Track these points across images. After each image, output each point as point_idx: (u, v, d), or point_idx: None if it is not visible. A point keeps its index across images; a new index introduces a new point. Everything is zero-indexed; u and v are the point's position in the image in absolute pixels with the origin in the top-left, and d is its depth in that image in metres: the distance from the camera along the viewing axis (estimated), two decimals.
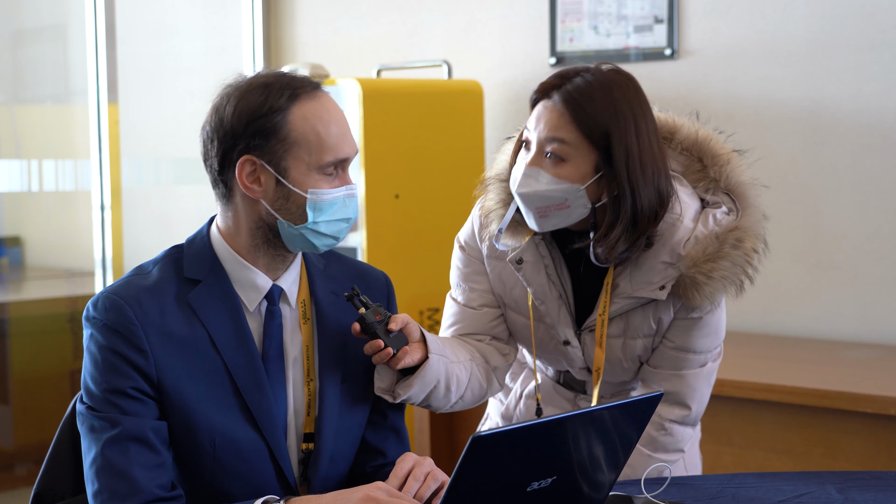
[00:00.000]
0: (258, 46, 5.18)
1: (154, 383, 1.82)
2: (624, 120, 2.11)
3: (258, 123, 1.84)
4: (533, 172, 2.14)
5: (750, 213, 2.20)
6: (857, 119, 3.77)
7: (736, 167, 2.25)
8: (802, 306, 3.90)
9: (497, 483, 1.64)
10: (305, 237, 1.88)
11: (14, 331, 4.88)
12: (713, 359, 2.31)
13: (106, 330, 1.82)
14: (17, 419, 4.86)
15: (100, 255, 4.55)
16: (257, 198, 1.86)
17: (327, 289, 2.00)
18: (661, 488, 2.05)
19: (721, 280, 2.16)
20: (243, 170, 1.85)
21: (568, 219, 2.16)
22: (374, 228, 4.06)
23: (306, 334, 1.96)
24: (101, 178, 4.52)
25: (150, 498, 1.78)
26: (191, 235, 1.95)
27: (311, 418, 1.95)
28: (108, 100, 4.50)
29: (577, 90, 2.12)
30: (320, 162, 1.86)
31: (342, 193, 1.90)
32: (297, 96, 1.85)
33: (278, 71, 1.91)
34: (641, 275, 2.19)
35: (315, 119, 1.85)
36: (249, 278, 1.90)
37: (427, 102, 4.24)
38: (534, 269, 2.27)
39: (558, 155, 2.12)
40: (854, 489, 2.08)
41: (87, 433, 1.82)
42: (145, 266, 1.91)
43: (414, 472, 1.81)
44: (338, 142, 1.87)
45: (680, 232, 2.17)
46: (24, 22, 5.29)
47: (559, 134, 2.11)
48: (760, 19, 3.94)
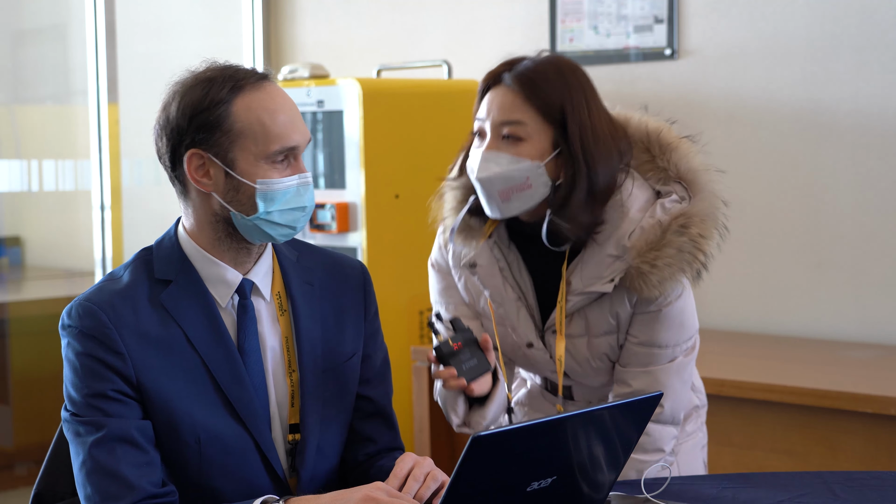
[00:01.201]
0: (258, 46, 5.18)
1: (134, 384, 1.83)
2: (576, 96, 2.14)
3: (202, 117, 1.85)
4: (491, 156, 2.14)
5: (701, 198, 2.18)
6: (857, 119, 3.77)
7: (685, 154, 2.24)
8: (802, 306, 3.90)
9: (497, 483, 1.64)
10: (260, 228, 1.88)
11: (14, 331, 4.87)
12: (684, 353, 2.27)
13: (82, 336, 1.83)
14: (17, 419, 4.86)
15: (100, 255, 4.56)
16: (209, 191, 1.88)
17: (301, 279, 2.00)
18: (661, 488, 2.05)
19: (667, 268, 2.13)
20: (191, 164, 1.87)
21: (530, 200, 2.15)
22: (374, 228, 4.06)
23: (284, 326, 1.96)
24: (101, 178, 4.52)
25: (143, 495, 1.79)
26: (159, 237, 1.97)
27: (295, 409, 1.95)
28: (108, 100, 4.50)
29: (528, 70, 2.15)
30: (267, 151, 1.85)
31: (294, 182, 1.88)
32: (240, 88, 1.86)
33: (224, 64, 1.92)
34: (590, 269, 2.19)
35: (259, 109, 1.85)
36: (219, 274, 1.91)
37: (427, 102, 4.24)
38: (488, 273, 2.27)
39: (516, 135, 2.13)
40: (854, 489, 2.08)
41: (73, 439, 1.83)
42: (116, 272, 1.93)
43: (414, 473, 1.81)
44: (285, 130, 1.86)
45: (625, 224, 2.17)
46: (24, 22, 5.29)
47: (515, 115, 2.13)
48: (760, 19, 3.95)
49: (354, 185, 4.06)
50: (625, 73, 4.24)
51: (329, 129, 4.15)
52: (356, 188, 4.05)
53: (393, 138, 4.11)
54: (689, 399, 2.39)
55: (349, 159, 4.07)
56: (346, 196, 4.09)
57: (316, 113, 4.18)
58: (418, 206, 4.18)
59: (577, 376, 2.31)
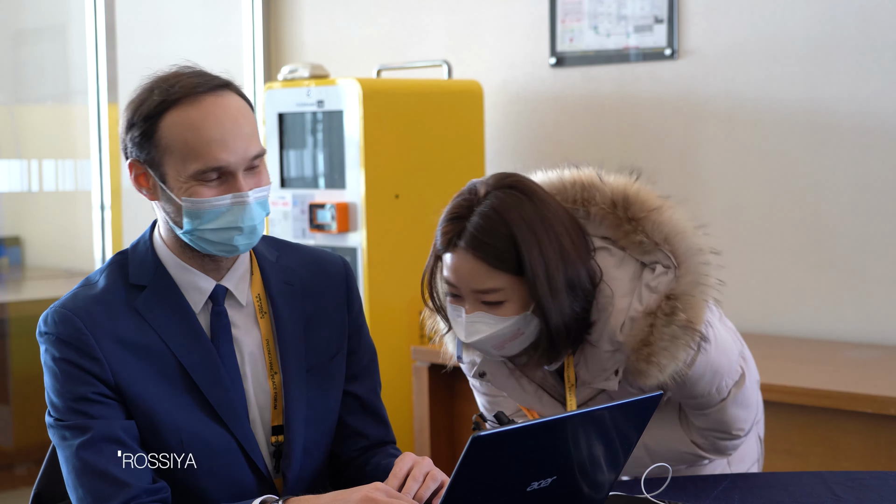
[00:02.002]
0: (258, 46, 5.18)
1: (113, 388, 1.83)
2: (528, 243, 2.03)
3: (136, 129, 1.85)
4: (476, 318, 2.08)
5: (686, 267, 2.10)
6: (856, 119, 3.77)
7: (658, 221, 2.13)
8: (802, 306, 3.90)
9: (497, 483, 1.64)
10: (196, 242, 1.87)
11: (14, 331, 4.87)
12: (735, 387, 2.21)
13: (59, 343, 1.83)
14: (17, 419, 4.86)
15: (100, 255, 4.55)
16: (151, 199, 1.89)
17: (281, 280, 1.99)
18: (661, 488, 2.05)
19: (664, 358, 2.07)
20: (132, 171, 1.88)
21: (525, 342, 2.12)
22: (374, 228, 4.06)
23: (265, 328, 1.96)
24: (101, 178, 4.52)
25: (136, 492, 1.79)
26: (134, 240, 1.96)
27: (278, 411, 1.95)
28: (108, 100, 4.50)
29: (478, 233, 2.04)
30: (190, 170, 1.82)
31: (226, 202, 1.84)
32: (169, 102, 1.83)
33: (177, 70, 1.88)
34: (594, 364, 2.16)
35: (184, 126, 1.82)
36: (192, 281, 1.91)
37: (427, 102, 4.24)
38: (499, 377, 2.25)
39: (495, 301, 2.07)
40: (854, 489, 2.08)
41: (60, 443, 1.84)
42: (92, 277, 1.93)
43: (413, 473, 1.81)
44: (211, 149, 1.81)
45: (614, 317, 2.10)
46: (24, 22, 5.29)
47: (486, 284, 2.05)
48: (760, 19, 3.94)
49: (354, 185, 4.06)
50: (625, 73, 4.24)
51: (329, 129, 4.15)
52: (356, 188, 4.05)
53: (393, 138, 4.11)
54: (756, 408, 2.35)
55: (349, 159, 4.07)
56: (346, 196, 4.09)
57: (316, 113, 4.18)
58: (418, 206, 4.19)
59: None
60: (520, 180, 2.11)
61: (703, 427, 2.25)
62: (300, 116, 4.22)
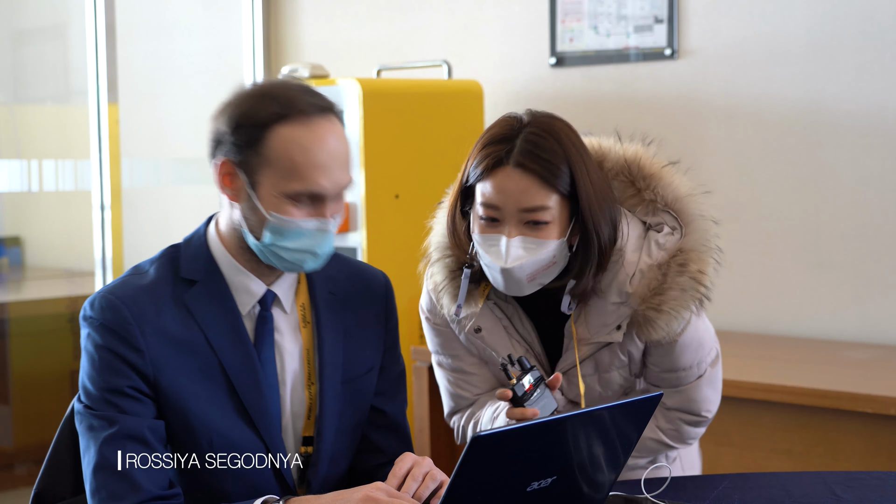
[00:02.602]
0: (258, 46, 5.18)
1: (151, 382, 1.82)
2: (578, 163, 2.07)
3: (241, 131, 1.82)
4: (518, 243, 2.07)
5: (693, 228, 2.16)
6: (857, 119, 3.77)
7: (669, 182, 2.20)
8: (802, 306, 3.90)
9: (497, 483, 1.64)
10: (266, 254, 1.87)
11: (14, 331, 4.87)
12: (710, 365, 2.27)
13: (103, 329, 1.82)
14: (17, 419, 4.86)
15: (100, 255, 4.55)
16: (232, 200, 1.86)
17: (326, 289, 1.99)
18: (661, 488, 2.05)
19: (672, 310, 2.12)
20: (221, 169, 1.86)
21: (552, 275, 2.12)
22: (374, 228, 4.06)
23: (306, 338, 1.95)
24: (101, 178, 4.52)
25: (148, 496, 1.79)
26: (188, 234, 1.95)
27: (310, 421, 1.95)
28: (108, 100, 4.49)
29: (533, 147, 2.05)
30: (288, 189, 1.81)
31: (311, 226, 1.84)
32: (285, 116, 1.81)
33: (297, 85, 1.86)
34: (596, 318, 2.17)
35: (295, 144, 1.81)
36: (244, 283, 1.90)
37: (427, 102, 4.24)
38: (493, 334, 2.25)
39: (541, 220, 2.06)
40: (854, 489, 2.08)
41: (85, 432, 1.83)
42: (142, 266, 1.92)
43: (413, 472, 1.81)
44: (313, 174, 1.81)
45: (624, 269, 2.14)
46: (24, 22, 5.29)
47: (537, 201, 2.05)
48: (760, 19, 3.94)
49: (354, 185, 4.06)
50: (625, 73, 4.24)
51: None
52: (356, 188, 4.05)
53: (393, 138, 4.11)
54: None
55: None
56: (346, 196, 4.09)
57: None
58: (418, 206, 4.18)
59: None
60: (556, 115, 2.16)
61: (672, 407, 2.26)
62: None
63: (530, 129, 2.07)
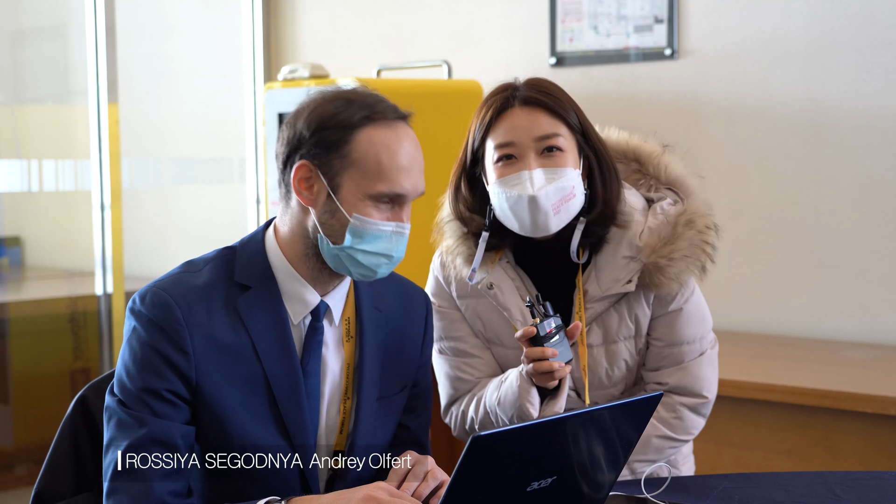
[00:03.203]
0: (258, 46, 5.18)
1: (192, 386, 1.80)
2: (576, 105, 2.24)
3: (325, 133, 1.83)
4: (541, 173, 2.16)
5: (694, 198, 2.28)
6: (857, 119, 3.77)
7: (670, 161, 2.34)
8: (802, 306, 3.90)
9: (497, 483, 1.64)
10: (341, 260, 1.86)
11: (14, 331, 4.87)
12: (709, 346, 2.33)
13: (151, 326, 1.80)
14: (17, 419, 4.86)
15: (100, 255, 4.55)
16: (308, 205, 1.85)
17: (372, 305, 1.99)
18: (661, 488, 2.05)
19: (683, 259, 2.21)
20: (299, 173, 1.85)
21: (571, 211, 2.19)
22: None
23: (349, 353, 1.94)
24: (101, 178, 4.52)
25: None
26: (244, 238, 1.94)
27: (342, 436, 1.94)
28: (108, 100, 4.50)
29: (539, 86, 2.22)
30: (373, 190, 1.83)
31: (390, 229, 1.87)
32: (371, 119, 1.84)
33: (374, 93, 1.90)
34: (607, 274, 2.23)
35: (381, 146, 1.83)
36: (299, 292, 1.89)
37: (427, 102, 4.24)
38: (507, 292, 2.27)
39: (557, 147, 2.17)
40: (854, 489, 2.08)
41: (113, 427, 1.80)
42: (196, 263, 1.89)
43: (413, 471, 1.81)
44: (397, 175, 1.84)
45: (633, 226, 2.24)
46: (24, 22, 5.29)
47: (550, 129, 2.18)
48: (760, 19, 3.94)
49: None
50: (625, 73, 4.24)
51: None
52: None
53: None
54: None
55: None
56: None
57: None
58: (418, 206, 4.18)
59: (591, 388, 2.30)
60: None
61: (674, 386, 2.28)
62: None
63: (529, 79, 2.25)
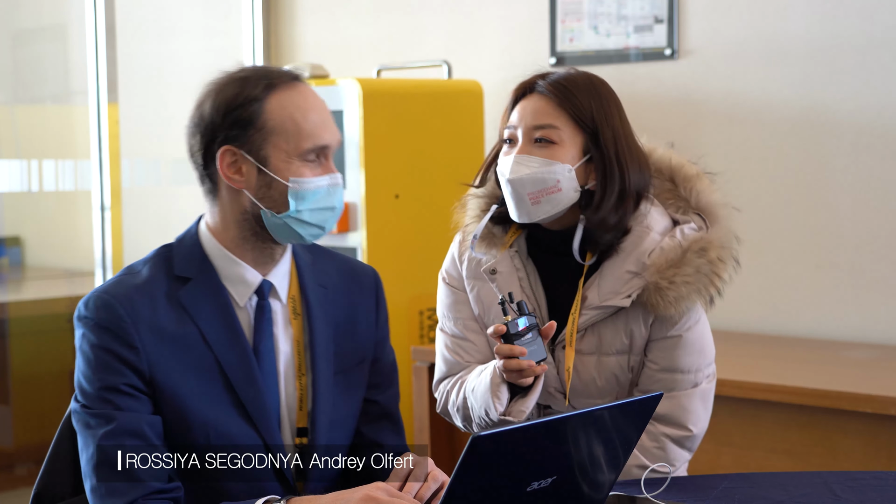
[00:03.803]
0: (258, 46, 5.18)
1: (146, 379, 1.83)
2: (607, 106, 2.22)
3: (235, 114, 1.87)
4: (523, 159, 2.19)
5: (718, 228, 2.24)
6: (857, 119, 3.77)
7: (706, 187, 2.30)
8: (802, 306, 3.90)
9: (497, 483, 1.64)
10: (290, 226, 1.89)
11: (14, 331, 4.88)
12: (706, 380, 2.28)
13: (98, 328, 1.83)
14: (17, 419, 4.86)
15: (100, 255, 4.55)
16: (240, 188, 1.88)
17: (316, 283, 2.01)
18: (661, 488, 2.05)
19: (684, 286, 2.17)
20: (224, 160, 1.88)
21: (559, 204, 2.19)
22: (374, 228, 4.06)
23: (297, 329, 1.97)
24: (101, 178, 4.52)
25: (149, 490, 1.79)
26: (180, 234, 1.97)
27: (303, 413, 1.96)
28: (108, 100, 4.50)
29: (561, 78, 2.23)
30: (299, 149, 1.87)
31: (325, 182, 1.90)
32: (273, 86, 1.88)
33: (259, 65, 1.96)
34: (608, 284, 2.22)
35: (292, 107, 1.87)
36: (239, 273, 1.92)
37: (427, 102, 4.24)
38: (507, 280, 2.28)
39: (549, 139, 2.18)
40: (854, 489, 2.08)
41: (82, 430, 1.84)
42: (135, 266, 1.93)
43: (414, 473, 1.81)
44: (316, 129, 1.88)
45: (646, 242, 2.21)
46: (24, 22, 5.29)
47: (547, 119, 2.19)
48: (760, 19, 3.94)
49: (354, 185, 4.06)
50: (625, 73, 4.24)
51: None
52: (356, 188, 4.05)
53: (393, 138, 4.11)
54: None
55: (349, 159, 4.06)
56: (346, 196, 4.08)
57: None
58: (418, 206, 4.19)
59: (577, 395, 2.29)
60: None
61: (661, 415, 2.25)
62: None
63: (568, 70, 2.26)
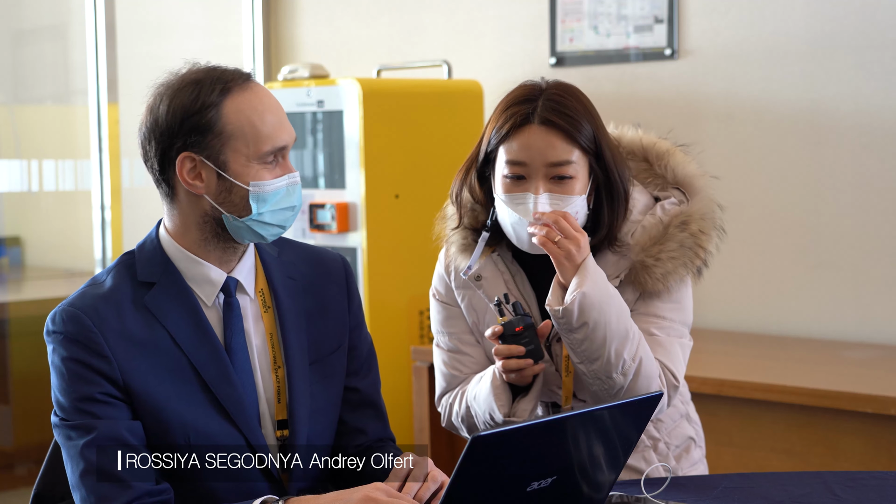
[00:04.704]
0: (258, 46, 5.18)
1: (121, 387, 1.83)
2: (596, 118, 2.19)
3: (193, 120, 1.86)
4: (546, 199, 2.14)
5: (698, 199, 2.25)
6: (857, 119, 3.77)
7: (681, 160, 2.31)
8: (802, 306, 3.90)
9: (497, 483, 1.64)
10: (251, 228, 1.89)
11: (14, 331, 4.87)
12: (682, 337, 2.27)
13: (67, 342, 1.83)
14: (17, 419, 4.86)
15: (100, 255, 4.56)
16: (200, 193, 1.88)
17: (283, 275, 2.01)
18: (661, 488, 2.05)
19: (670, 261, 2.19)
20: (183, 167, 1.88)
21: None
22: (374, 228, 4.06)
23: (268, 322, 1.97)
24: (101, 178, 4.52)
25: (138, 493, 1.79)
26: (140, 240, 1.97)
27: (282, 405, 1.96)
28: (108, 100, 4.50)
29: (556, 106, 2.15)
30: (258, 152, 1.87)
31: (284, 182, 1.90)
32: (228, 90, 1.87)
33: (209, 65, 1.93)
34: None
35: (249, 110, 1.87)
36: (203, 273, 1.92)
37: (427, 102, 4.24)
38: (493, 284, 2.27)
39: (567, 175, 2.15)
40: (854, 489, 2.08)
41: (65, 443, 1.84)
42: (98, 276, 1.94)
43: (414, 473, 1.81)
44: (274, 130, 1.88)
45: (627, 225, 2.23)
46: (24, 22, 5.29)
47: (564, 156, 2.14)
48: (760, 19, 3.94)
49: (354, 185, 4.06)
50: (625, 73, 4.24)
51: (329, 129, 4.15)
52: (356, 188, 4.05)
53: (393, 138, 4.11)
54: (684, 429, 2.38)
55: (349, 159, 4.07)
56: (346, 196, 4.09)
57: (316, 113, 4.18)
58: (418, 206, 4.19)
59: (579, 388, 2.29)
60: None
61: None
62: (300, 116, 4.22)
63: (551, 91, 2.18)
